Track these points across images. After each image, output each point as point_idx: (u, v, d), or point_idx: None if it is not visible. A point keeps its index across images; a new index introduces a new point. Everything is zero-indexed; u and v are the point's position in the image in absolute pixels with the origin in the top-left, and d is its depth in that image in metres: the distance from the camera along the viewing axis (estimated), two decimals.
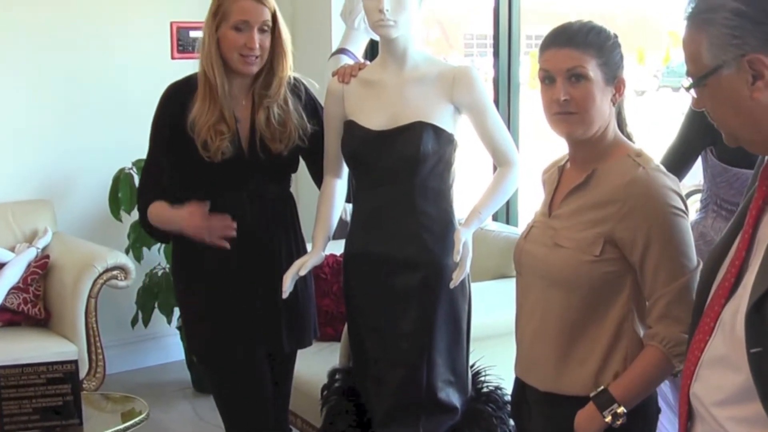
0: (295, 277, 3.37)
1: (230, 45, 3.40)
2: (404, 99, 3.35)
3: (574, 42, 2.50)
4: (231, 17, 3.39)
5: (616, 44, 2.54)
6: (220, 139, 3.40)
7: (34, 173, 5.95)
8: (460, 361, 3.46)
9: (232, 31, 3.39)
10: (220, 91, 3.41)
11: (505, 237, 4.52)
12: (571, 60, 2.49)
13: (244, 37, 3.38)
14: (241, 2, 3.40)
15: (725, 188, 3.47)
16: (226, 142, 3.41)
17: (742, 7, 1.88)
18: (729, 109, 1.96)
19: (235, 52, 3.39)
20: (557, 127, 2.54)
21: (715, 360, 1.98)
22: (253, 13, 3.40)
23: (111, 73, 6.13)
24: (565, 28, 2.54)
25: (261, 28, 3.41)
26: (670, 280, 2.40)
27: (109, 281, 5.31)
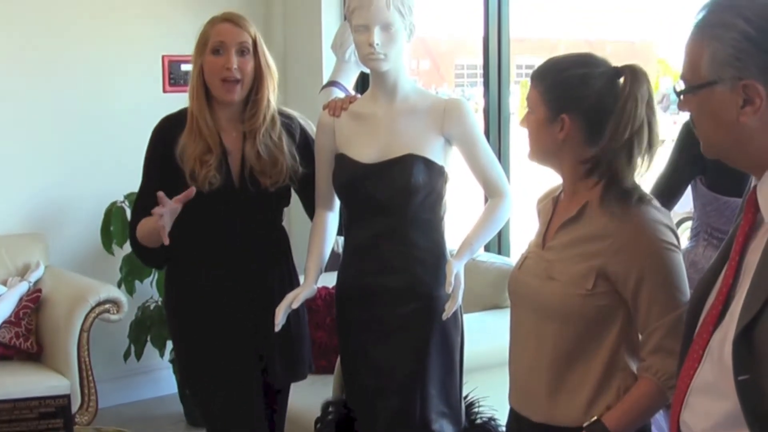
0: (288, 309, 3.36)
1: (211, 70, 3.43)
2: (395, 131, 3.36)
3: (535, 80, 2.58)
4: (209, 42, 3.44)
5: (574, 80, 2.52)
6: (206, 169, 3.41)
7: (26, 207, 5.94)
8: (454, 392, 3.45)
9: (211, 55, 3.42)
10: (201, 121, 3.43)
11: (498, 267, 4.52)
12: (529, 98, 2.57)
13: (222, 60, 3.41)
14: (218, 26, 3.46)
15: (715, 217, 3.48)
16: (213, 172, 3.42)
17: (752, 32, 1.89)
18: (712, 122, 1.98)
19: (215, 77, 3.42)
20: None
21: (704, 388, 1.98)
22: (229, 35, 3.44)
23: (103, 106, 6.13)
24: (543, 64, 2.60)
25: (240, 50, 3.43)
26: (663, 314, 2.40)
27: (101, 315, 5.29)
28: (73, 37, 6.05)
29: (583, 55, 2.58)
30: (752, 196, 2.00)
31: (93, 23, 6.10)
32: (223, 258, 3.51)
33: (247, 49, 3.45)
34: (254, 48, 3.47)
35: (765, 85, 1.88)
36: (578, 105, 2.48)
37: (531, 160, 2.63)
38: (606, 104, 2.47)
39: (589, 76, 2.49)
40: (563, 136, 2.50)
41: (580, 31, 21.90)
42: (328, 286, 4.42)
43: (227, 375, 3.52)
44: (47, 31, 5.95)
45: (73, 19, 6.04)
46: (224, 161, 3.47)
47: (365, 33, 3.29)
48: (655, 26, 12.77)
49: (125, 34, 6.21)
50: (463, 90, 26.98)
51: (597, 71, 2.51)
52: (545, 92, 2.53)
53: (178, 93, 5.84)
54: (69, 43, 6.04)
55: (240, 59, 3.43)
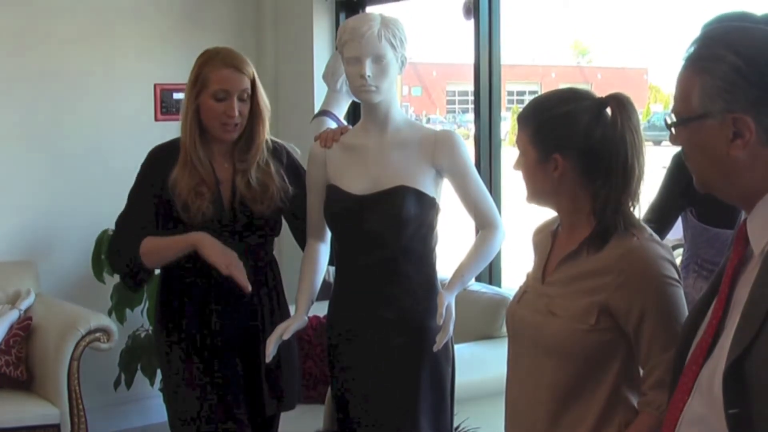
0: (279, 341, 3.36)
1: (210, 114, 3.43)
2: (386, 163, 3.37)
3: (522, 122, 2.57)
4: (210, 86, 3.42)
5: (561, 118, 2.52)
6: (200, 201, 3.42)
7: (17, 234, 5.93)
8: (445, 423, 3.44)
9: (212, 100, 3.42)
10: (195, 157, 3.44)
11: (489, 297, 4.53)
12: (518, 142, 2.58)
13: (223, 106, 3.41)
14: (221, 71, 3.44)
15: (706, 248, 3.49)
16: (207, 203, 3.43)
17: (742, 65, 1.90)
18: (704, 156, 1.99)
19: (215, 120, 3.43)
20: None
21: (694, 421, 1.98)
22: (233, 83, 3.44)
23: (94, 134, 6.14)
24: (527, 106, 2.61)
25: (240, 97, 3.44)
26: (665, 349, 2.38)
27: (91, 343, 5.27)
28: (64, 64, 6.06)
29: (566, 92, 2.58)
30: (742, 229, 2.01)
31: (85, 51, 6.12)
32: (212, 286, 3.51)
33: (247, 94, 3.47)
34: (252, 89, 3.48)
35: (755, 119, 1.89)
36: (568, 143, 2.48)
37: (530, 202, 2.62)
38: (596, 137, 2.46)
39: (575, 112, 2.49)
40: (558, 175, 2.50)
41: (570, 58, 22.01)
42: (319, 315, 4.43)
43: (217, 404, 3.51)
44: (39, 60, 5.97)
45: (64, 47, 6.05)
46: (218, 194, 3.48)
47: (357, 65, 3.30)
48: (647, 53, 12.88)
49: (117, 62, 6.23)
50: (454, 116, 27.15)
51: (582, 106, 2.50)
52: (533, 134, 2.52)
53: (170, 121, 5.87)
54: (61, 71, 6.05)
55: (240, 104, 3.44)
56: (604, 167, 2.46)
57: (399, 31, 3.34)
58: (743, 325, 1.88)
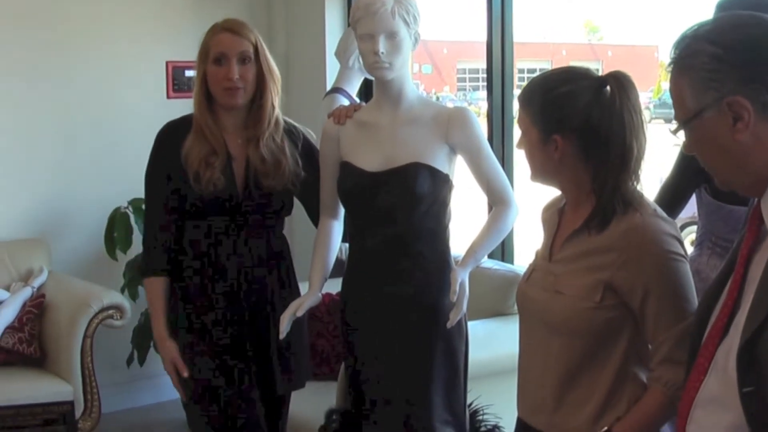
0: (292, 318, 3.37)
1: (213, 79, 3.47)
2: (399, 140, 3.36)
3: (521, 102, 2.59)
4: (211, 52, 3.47)
5: (560, 98, 2.52)
6: (210, 171, 3.43)
7: (29, 212, 5.95)
8: (458, 400, 3.45)
9: (213, 65, 3.45)
10: (204, 127, 3.46)
11: (502, 275, 4.53)
12: (519, 122, 2.59)
13: (223, 70, 3.44)
14: (219, 36, 3.49)
15: (720, 225, 3.48)
16: (218, 174, 3.44)
17: (720, 51, 1.94)
18: (715, 152, 2.00)
19: (218, 86, 3.45)
20: None
21: (709, 400, 1.99)
22: (230, 45, 3.46)
23: (107, 112, 6.15)
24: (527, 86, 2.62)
25: (241, 60, 3.45)
26: (671, 325, 2.39)
27: (104, 321, 5.29)
28: (77, 43, 6.07)
29: (566, 71, 2.59)
30: (757, 209, 2.02)
31: (97, 29, 6.12)
32: (224, 264, 3.52)
33: (248, 57, 3.47)
34: (256, 54, 3.48)
35: (747, 97, 1.92)
36: (568, 124, 2.47)
37: (534, 181, 2.63)
38: (595, 117, 2.46)
39: (575, 92, 2.48)
40: (559, 156, 2.50)
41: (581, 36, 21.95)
42: (332, 293, 4.43)
43: (228, 382, 3.53)
44: (51, 37, 5.97)
45: (77, 25, 6.06)
46: (228, 166, 3.49)
47: (370, 41, 3.30)
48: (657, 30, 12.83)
49: (129, 40, 6.22)
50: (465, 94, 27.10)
51: (582, 85, 2.49)
52: (534, 115, 2.53)
53: (182, 99, 5.85)
54: (73, 49, 6.06)
55: (242, 68, 3.45)
56: (603, 146, 2.46)
57: (412, 7, 3.34)
58: (757, 305, 1.89)
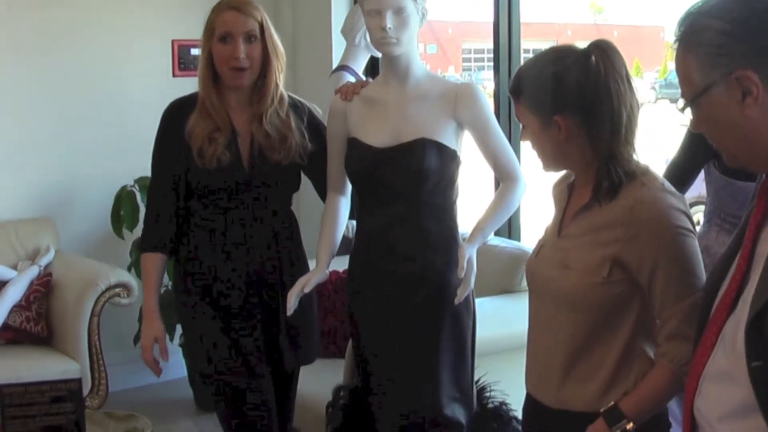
0: (300, 294, 3.38)
1: (219, 58, 3.46)
2: (407, 116, 3.36)
3: (513, 95, 2.62)
4: (216, 30, 3.45)
5: (549, 82, 2.51)
6: (214, 147, 3.43)
7: (36, 191, 5.96)
8: (465, 377, 3.46)
9: (219, 43, 3.44)
10: (210, 104, 3.46)
11: (509, 252, 4.53)
12: (518, 115, 2.61)
13: (229, 49, 3.43)
14: (224, 14, 3.47)
15: (729, 201, 3.47)
16: (221, 149, 3.44)
17: (726, 26, 1.92)
18: (723, 128, 1.99)
19: (224, 65, 3.45)
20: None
21: (717, 375, 1.99)
22: (235, 24, 3.45)
23: (113, 91, 6.15)
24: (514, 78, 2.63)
25: (247, 38, 3.44)
26: (679, 300, 2.39)
27: (111, 299, 5.31)
28: (83, 21, 6.06)
29: (549, 53, 2.57)
30: (765, 184, 2.02)
31: (103, 8, 6.11)
32: (232, 241, 3.52)
33: (254, 35, 3.46)
34: (261, 32, 3.48)
35: (756, 71, 1.90)
36: (564, 103, 2.47)
37: (547, 170, 2.62)
38: (587, 89, 2.45)
39: (563, 71, 2.48)
40: (564, 136, 2.49)
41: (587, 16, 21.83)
42: (339, 271, 4.43)
43: (236, 359, 3.53)
44: (57, 16, 5.96)
45: (83, 4, 6.05)
46: (234, 142, 3.49)
47: (377, 17, 3.29)
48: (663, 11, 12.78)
49: (135, 19, 6.22)
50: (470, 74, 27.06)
51: (568, 63, 2.49)
52: (529, 104, 2.53)
53: (188, 77, 5.84)
54: (79, 28, 6.05)
55: (248, 46, 3.44)
56: (597, 117, 2.46)
57: None
58: (765, 279, 1.89)
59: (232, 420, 3.59)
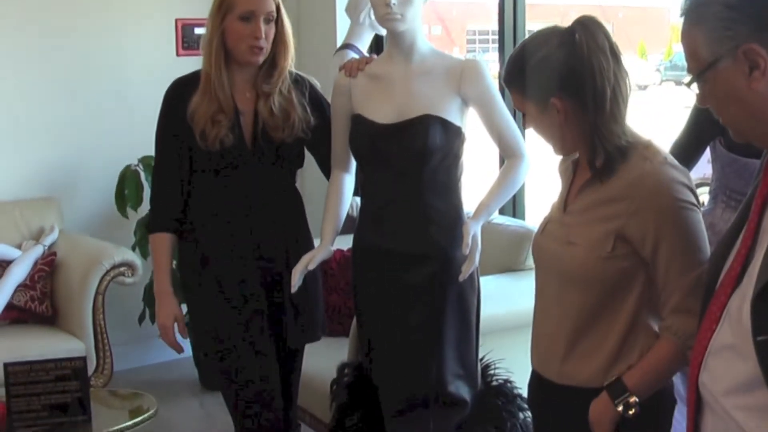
0: (304, 271, 3.38)
1: (237, 36, 3.42)
2: (412, 92, 3.35)
3: (508, 84, 2.60)
4: (237, 8, 3.42)
5: (539, 66, 2.50)
6: (217, 129, 3.42)
7: (40, 171, 5.96)
8: (470, 354, 3.46)
9: (238, 22, 3.41)
10: (217, 82, 3.44)
11: (513, 230, 4.52)
12: (516, 104, 2.60)
13: (250, 28, 3.40)
14: None
15: (734, 178, 3.47)
16: (225, 131, 3.43)
17: (733, 0, 1.92)
18: (730, 103, 1.99)
19: (242, 43, 3.42)
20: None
21: (723, 349, 1.99)
22: (259, 4, 3.43)
23: (116, 70, 6.15)
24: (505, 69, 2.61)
25: (266, 19, 3.43)
26: (682, 274, 2.39)
27: (116, 278, 5.32)
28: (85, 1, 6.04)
29: (533, 38, 2.56)
30: None
31: None
32: (237, 220, 3.52)
33: (273, 17, 3.46)
34: (277, 14, 3.47)
35: (763, 45, 1.90)
36: (557, 84, 2.47)
37: (559, 154, 2.63)
38: (576, 68, 2.45)
39: (550, 53, 2.48)
40: (564, 116, 2.49)
41: None
42: (343, 249, 4.43)
43: (242, 337, 3.53)
44: None
45: None
46: (237, 122, 3.48)
47: None
48: None
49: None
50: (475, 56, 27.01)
51: (554, 44, 2.48)
52: (524, 91, 2.53)
53: (192, 57, 5.84)
54: (82, 7, 6.04)
55: (266, 27, 3.43)
56: (586, 93, 2.45)
57: None
58: None
59: (237, 398, 3.60)
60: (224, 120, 3.44)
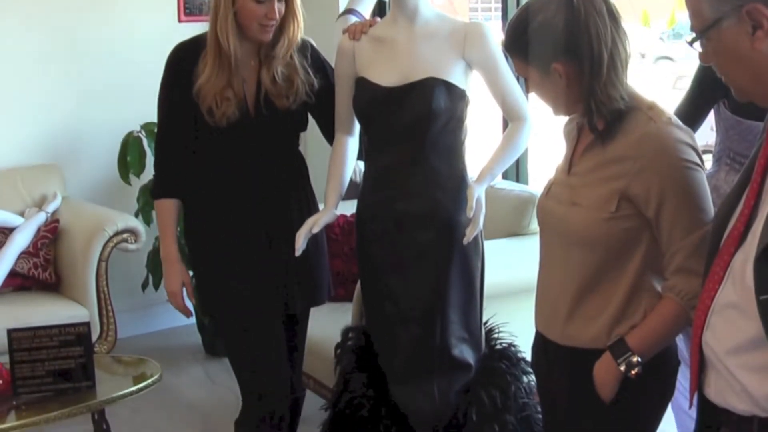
0: (308, 235, 3.37)
1: (250, 15, 3.37)
2: (416, 55, 3.34)
3: (509, 51, 2.60)
4: None
5: (539, 32, 2.49)
6: (226, 106, 3.40)
7: (42, 138, 5.96)
8: (474, 318, 3.47)
9: (252, 2, 3.36)
10: (233, 59, 3.39)
11: (516, 195, 4.52)
12: (518, 69, 2.60)
13: (264, 8, 3.36)
14: None
15: (738, 141, 3.46)
16: (233, 108, 3.40)
17: None
18: (733, 62, 1.99)
19: (254, 22, 3.37)
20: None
21: (726, 308, 2.00)
22: None
23: (119, 36, 6.13)
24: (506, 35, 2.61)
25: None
26: (686, 234, 2.39)
27: (119, 244, 5.32)
28: None
29: (533, 2, 2.54)
30: None
31: None
32: (241, 185, 3.51)
33: None
34: None
35: (766, 5, 1.89)
36: (558, 50, 2.46)
37: (558, 115, 2.63)
38: (574, 32, 2.44)
39: (549, 19, 2.46)
40: (566, 81, 2.48)
41: None
42: (347, 215, 4.43)
43: (246, 301, 3.53)
44: None
45: None
46: (242, 93, 3.46)
47: None
48: None
49: None
50: None
51: (552, 9, 2.47)
52: (525, 57, 2.53)
53: (194, 23, 5.84)
54: None
55: (278, 5, 3.40)
56: (583, 57, 2.45)
57: None
58: None
59: (242, 363, 3.61)
60: (232, 96, 3.42)
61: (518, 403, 3.51)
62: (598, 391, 2.49)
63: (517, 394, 3.51)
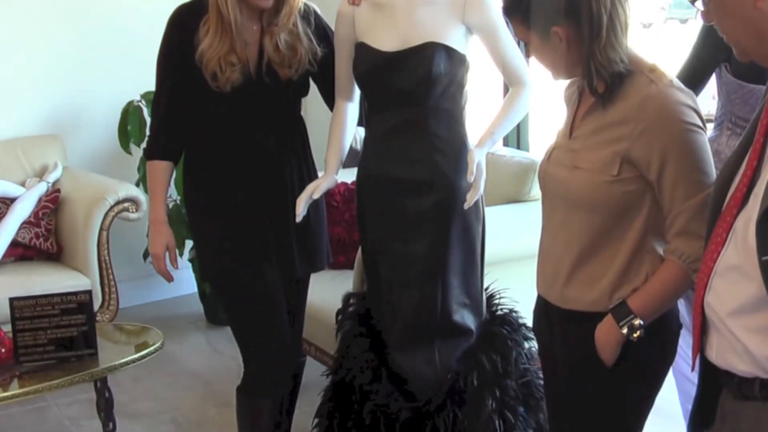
0: (309, 200, 3.37)
1: None
2: (415, 20, 3.32)
3: (509, 15, 2.61)
4: None
5: None
6: (230, 71, 3.38)
7: (43, 108, 5.95)
8: (475, 283, 3.47)
9: None
10: (234, 24, 3.36)
11: (517, 162, 4.51)
12: (518, 34, 2.60)
13: None
14: None
15: (740, 105, 3.45)
16: (237, 74, 3.38)
17: None
18: (735, 20, 1.98)
19: None
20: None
21: (728, 270, 1.99)
22: None
23: (118, 4, 6.11)
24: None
25: None
26: (688, 197, 2.39)
27: (120, 213, 5.32)
28: None
29: None
30: None
31: None
32: (241, 151, 3.50)
33: None
34: None
35: None
36: (558, 14, 2.44)
37: (558, 79, 2.62)
38: None
39: None
40: (566, 44, 2.47)
41: None
42: (347, 182, 4.42)
43: (247, 266, 3.53)
44: None
45: None
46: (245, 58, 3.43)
47: None
48: None
49: None
50: None
51: None
52: (525, 20, 2.52)
53: None
54: None
55: None
56: (583, 21, 2.43)
57: None
58: None
59: (243, 329, 3.61)
60: (236, 61, 3.39)
61: (519, 368, 3.52)
62: (600, 354, 2.49)
63: (518, 360, 3.52)
